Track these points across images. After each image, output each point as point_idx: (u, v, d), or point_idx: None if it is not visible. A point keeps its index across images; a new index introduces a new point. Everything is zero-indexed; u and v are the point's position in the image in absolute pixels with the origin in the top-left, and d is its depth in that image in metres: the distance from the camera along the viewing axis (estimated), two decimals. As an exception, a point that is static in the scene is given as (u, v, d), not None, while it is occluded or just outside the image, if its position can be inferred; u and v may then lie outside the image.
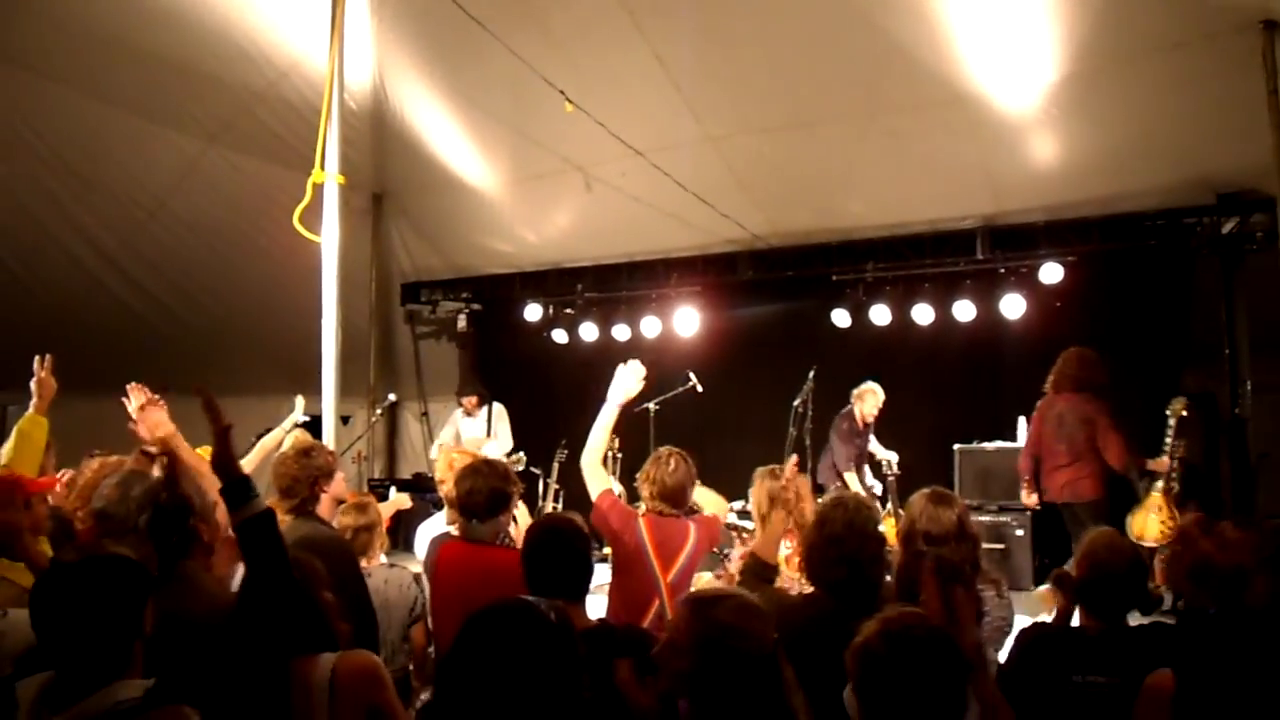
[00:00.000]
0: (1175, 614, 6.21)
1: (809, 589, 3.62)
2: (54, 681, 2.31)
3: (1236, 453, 8.19)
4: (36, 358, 4.45)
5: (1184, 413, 7.34)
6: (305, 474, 4.11)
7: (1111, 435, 7.35)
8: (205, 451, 6.81)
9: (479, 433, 10.53)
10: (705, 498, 4.86)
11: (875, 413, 9.35)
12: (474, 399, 10.71)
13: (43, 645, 2.35)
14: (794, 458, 7.87)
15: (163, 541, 3.11)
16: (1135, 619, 3.42)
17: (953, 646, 2.32)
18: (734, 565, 4.31)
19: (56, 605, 2.34)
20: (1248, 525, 2.83)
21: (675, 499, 4.45)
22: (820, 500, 4.37)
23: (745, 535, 6.84)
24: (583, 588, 3.39)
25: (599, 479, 4.53)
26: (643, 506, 4.57)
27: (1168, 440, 7.30)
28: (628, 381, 4.61)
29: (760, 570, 3.84)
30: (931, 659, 2.26)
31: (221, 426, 2.83)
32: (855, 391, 9.36)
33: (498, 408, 10.78)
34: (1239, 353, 8.22)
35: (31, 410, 4.38)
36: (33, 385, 4.44)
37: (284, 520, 4.14)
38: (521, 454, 9.51)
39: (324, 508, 4.16)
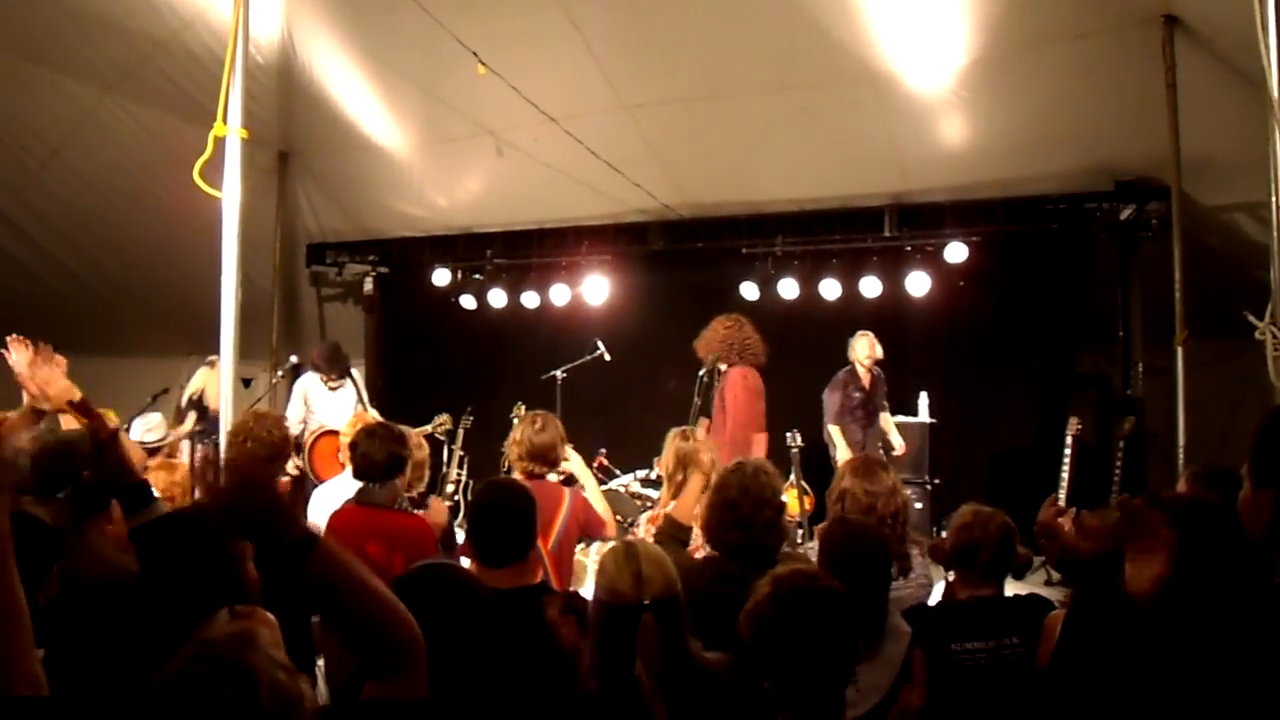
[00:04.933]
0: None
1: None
2: None
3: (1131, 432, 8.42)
4: None
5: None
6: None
7: None
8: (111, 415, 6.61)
9: (344, 405, 8.77)
10: (576, 465, 4.96)
11: (866, 359, 8.97)
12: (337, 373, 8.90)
13: None
14: (705, 421, 7.86)
15: (81, 514, 2.98)
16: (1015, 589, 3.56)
17: (843, 602, 2.33)
18: (641, 531, 4.32)
19: None
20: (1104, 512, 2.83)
21: (544, 456, 4.66)
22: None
23: (649, 503, 6.84)
24: (528, 547, 3.39)
25: None
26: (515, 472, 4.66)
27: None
28: None
29: (675, 532, 3.87)
30: (822, 618, 2.28)
31: (108, 433, 2.75)
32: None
33: (355, 374, 9.07)
34: (1133, 336, 8.44)
35: None
36: None
37: None
38: (446, 415, 8.55)
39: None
